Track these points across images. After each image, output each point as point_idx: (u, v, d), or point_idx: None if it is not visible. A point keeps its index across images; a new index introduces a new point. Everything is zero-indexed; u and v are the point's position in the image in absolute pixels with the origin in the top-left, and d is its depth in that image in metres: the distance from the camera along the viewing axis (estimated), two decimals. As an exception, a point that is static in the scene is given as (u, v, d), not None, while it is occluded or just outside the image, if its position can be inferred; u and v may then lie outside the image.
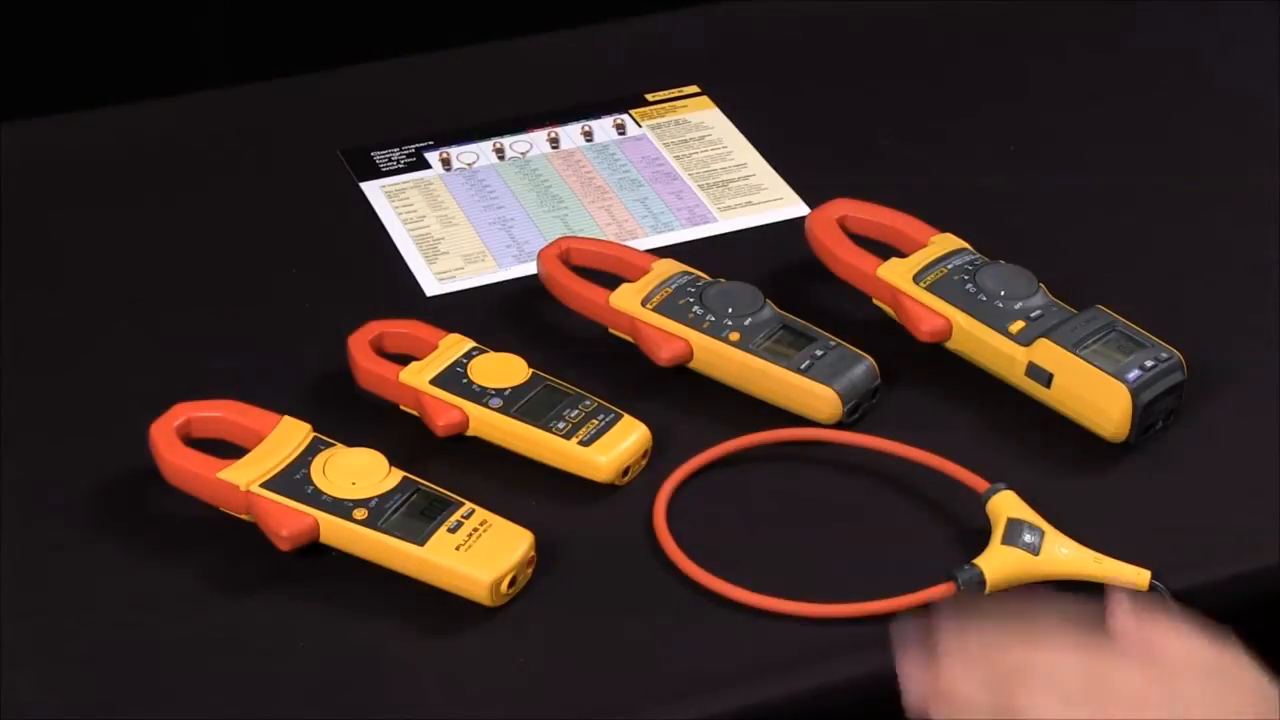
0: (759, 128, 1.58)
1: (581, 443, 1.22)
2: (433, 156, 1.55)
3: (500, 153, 1.55)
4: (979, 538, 1.17)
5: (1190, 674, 0.91)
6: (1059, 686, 0.91)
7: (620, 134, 1.58)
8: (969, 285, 1.30)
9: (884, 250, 1.35)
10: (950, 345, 1.30)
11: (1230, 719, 0.88)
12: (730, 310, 1.30)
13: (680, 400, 1.28)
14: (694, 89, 1.63)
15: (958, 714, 0.93)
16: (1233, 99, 1.62)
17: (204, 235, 1.47)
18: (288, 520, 1.16)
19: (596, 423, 1.23)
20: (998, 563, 1.14)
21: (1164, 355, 1.25)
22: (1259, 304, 1.38)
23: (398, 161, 1.54)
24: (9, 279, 1.40)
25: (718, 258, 1.39)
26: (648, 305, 1.31)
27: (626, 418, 1.24)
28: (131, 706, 1.10)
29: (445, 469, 1.21)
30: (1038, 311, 1.28)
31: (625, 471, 1.22)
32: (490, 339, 1.29)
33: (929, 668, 0.95)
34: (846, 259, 1.35)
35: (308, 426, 1.21)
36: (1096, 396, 1.24)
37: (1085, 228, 1.47)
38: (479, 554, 1.14)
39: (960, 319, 1.29)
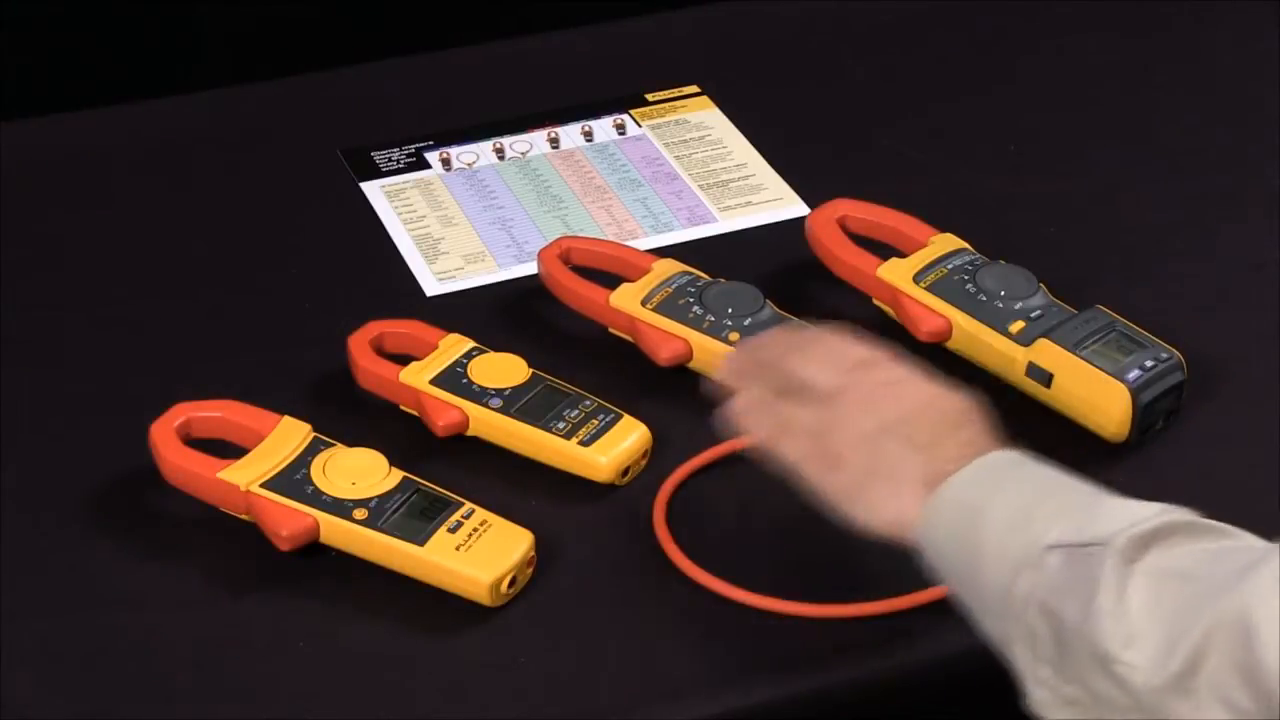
0: (759, 128, 1.58)
1: (581, 443, 1.22)
2: (433, 156, 1.55)
3: (500, 153, 1.55)
4: (979, 538, 1.17)
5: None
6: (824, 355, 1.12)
7: (620, 134, 1.58)
8: (969, 285, 1.30)
9: (884, 250, 1.35)
10: (950, 345, 1.30)
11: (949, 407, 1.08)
12: (730, 310, 1.30)
13: (680, 400, 1.28)
14: (694, 89, 1.63)
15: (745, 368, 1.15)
16: (1233, 99, 1.62)
17: (204, 235, 1.47)
18: (288, 520, 1.16)
19: (596, 423, 1.23)
20: (998, 563, 1.14)
21: (1164, 355, 1.25)
22: (1259, 304, 1.38)
23: (398, 161, 1.54)
24: (9, 279, 1.40)
25: (718, 258, 1.39)
26: (648, 305, 1.31)
27: (626, 418, 1.24)
28: (131, 706, 1.10)
29: (445, 469, 1.21)
30: (1038, 311, 1.28)
31: (625, 471, 1.22)
32: (490, 339, 1.29)
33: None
34: (846, 259, 1.35)
35: (308, 426, 1.21)
36: (1096, 396, 1.24)
37: (1085, 228, 1.47)
38: (479, 554, 1.14)
39: (960, 319, 1.29)
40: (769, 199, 1.50)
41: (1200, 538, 0.96)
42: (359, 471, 1.18)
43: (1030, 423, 1.26)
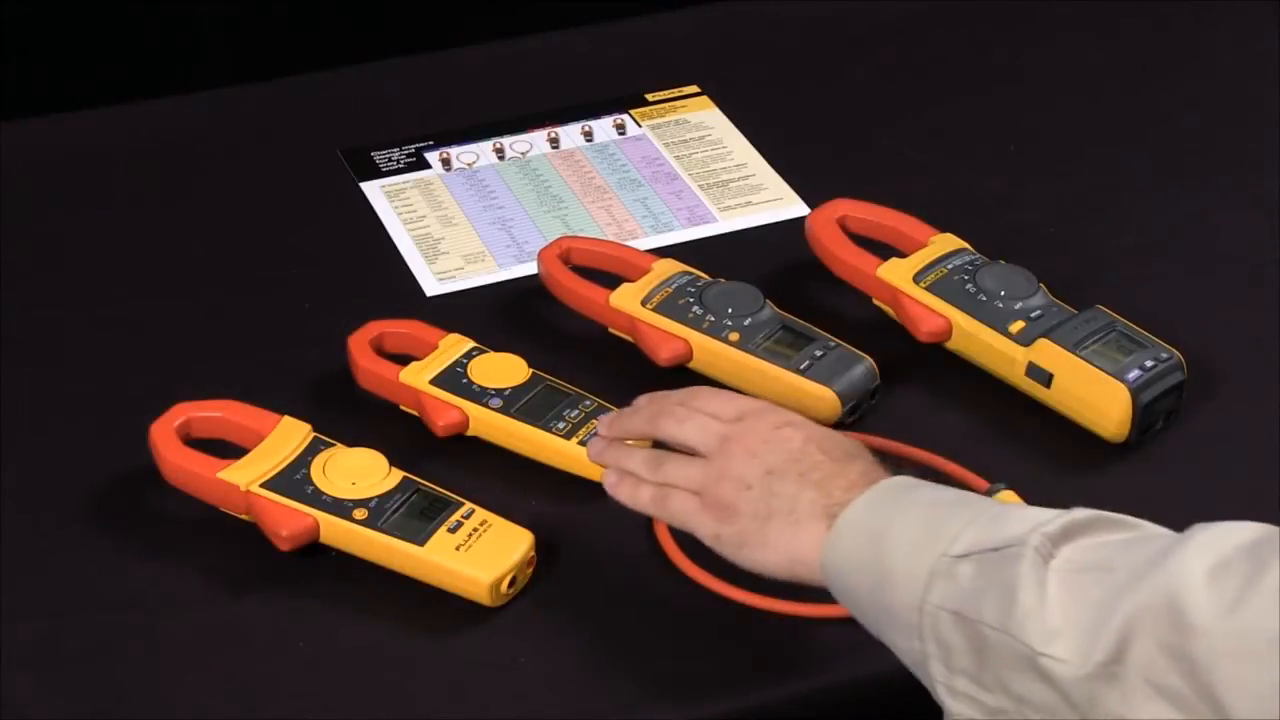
0: (759, 128, 1.58)
1: (582, 442, 1.22)
2: (433, 156, 1.55)
3: (500, 153, 1.55)
4: (979, 538, 1.17)
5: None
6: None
7: (620, 134, 1.58)
8: (969, 285, 1.30)
9: (884, 250, 1.35)
10: (950, 345, 1.30)
11: (838, 443, 1.09)
12: (730, 310, 1.29)
13: (680, 400, 1.28)
14: (694, 89, 1.63)
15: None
16: (1233, 99, 1.62)
17: (204, 235, 1.47)
18: (288, 520, 1.16)
19: (597, 423, 1.23)
20: (998, 563, 1.14)
21: (1164, 355, 1.25)
22: (1259, 304, 1.38)
23: (398, 161, 1.54)
24: (9, 279, 1.40)
25: (718, 258, 1.39)
26: (648, 305, 1.31)
27: (626, 418, 1.24)
28: (131, 706, 1.10)
29: (445, 469, 1.21)
30: (1038, 311, 1.28)
31: (625, 471, 1.22)
32: (490, 339, 1.29)
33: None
34: (846, 259, 1.35)
35: (308, 426, 1.21)
36: (1096, 396, 1.24)
37: (1085, 228, 1.47)
38: (479, 554, 1.14)
39: (960, 319, 1.29)
40: (769, 199, 1.50)
41: (1110, 531, 0.97)
42: (359, 471, 1.18)
43: (1030, 423, 1.27)
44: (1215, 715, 0.88)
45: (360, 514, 1.16)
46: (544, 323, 1.36)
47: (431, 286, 1.41)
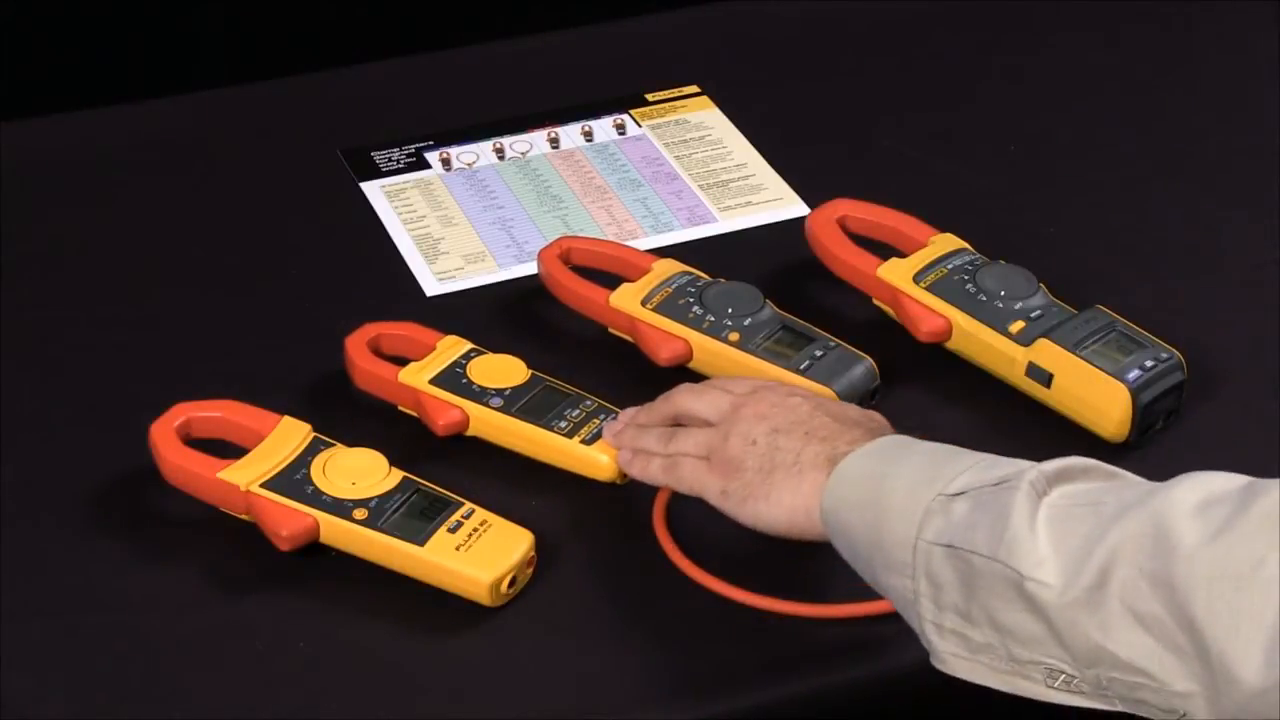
0: (759, 128, 1.58)
1: (583, 442, 1.22)
2: (433, 156, 1.55)
3: (500, 153, 1.55)
4: (979, 538, 1.17)
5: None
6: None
7: (620, 134, 1.58)
8: (969, 285, 1.30)
9: (884, 250, 1.35)
10: (950, 345, 1.30)
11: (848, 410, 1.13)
12: (730, 310, 1.30)
13: (680, 400, 1.28)
14: (694, 89, 1.63)
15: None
16: (1233, 99, 1.62)
17: (204, 235, 1.47)
18: (288, 520, 1.16)
19: (598, 422, 1.23)
20: (998, 563, 1.14)
21: (1164, 355, 1.25)
22: (1259, 304, 1.38)
23: (398, 161, 1.54)
24: (9, 279, 1.40)
25: (718, 258, 1.39)
26: (648, 305, 1.31)
27: (627, 418, 1.24)
28: (132, 706, 1.10)
29: (445, 469, 1.21)
30: (1038, 311, 1.28)
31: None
32: (490, 339, 1.29)
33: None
34: (846, 259, 1.35)
35: (308, 426, 1.21)
36: (1096, 396, 1.24)
37: (1085, 228, 1.47)
38: (479, 554, 1.14)
39: (960, 319, 1.29)
40: (769, 199, 1.50)
41: (1104, 478, 0.99)
42: (359, 471, 1.18)
43: (1030, 423, 1.27)
44: (1191, 641, 0.89)
45: (360, 514, 1.16)
46: (544, 323, 1.36)
47: (431, 286, 1.41)
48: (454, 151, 1.55)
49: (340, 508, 1.16)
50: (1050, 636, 0.95)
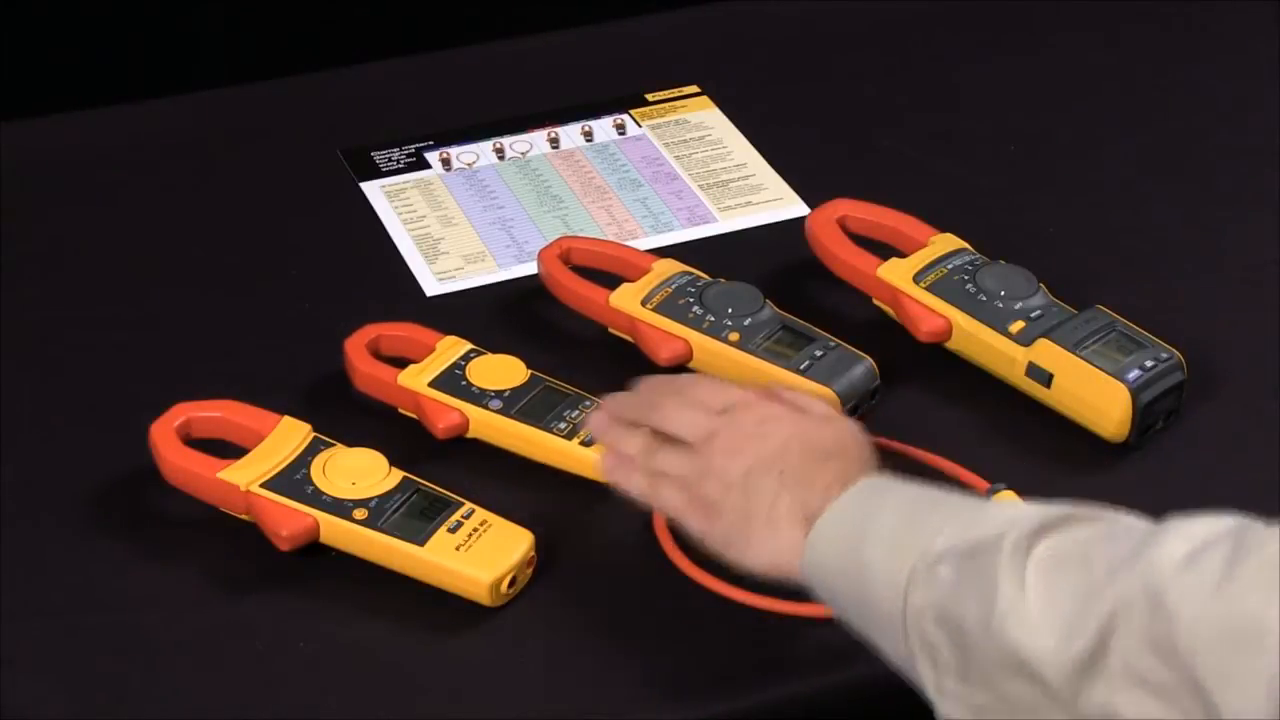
0: (759, 128, 1.58)
1: (583, 443, 1.22)
2: (433, 156, 1.55)
3: (500, 153, 1.55)
4: (979, 538, 1.16)
5: (810, 411, 1.12)
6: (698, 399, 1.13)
7: (620, 134, 1.58)
8: (969, 285, 1.30)
9: (884, 250, 1.35)
10: (950, 345, 1.30)
11: (821, 440, 1.09)
12: (730, 310, 1.30)
13: (680, 400, 1.28)
14: (694, 89, 1.63)
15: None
16: (1233, 99, 1.62)
17: (204, 235, 1.47)
18: (288, 520, 1.16)
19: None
20: (998, 563, 1.14)
21: (1164, 355, 1.25)
22: (1259, 304, 1.38)
23: (398, 161, 1.54)
24: (9, 279, 1.40)
25: (718, 258, 1.39)
26: (648, 305, 1.31)
27: (627, 418, 1.24)
28: (131, 706, 1.10)
29: (445, 469, 1.21)
30: (1038, 311, 1.28)
31: (625, 471, 1.22)
32: (490, 339, 1.29)
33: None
34: (846, 259, 1.35)
35: (308, 426, 1.21)
36: (1096, 396, 1.24)
37: (1085, 228, 1.47)
38: (479, 554, 1.14)
39: (960, 319, 1.29)
40: (769, 199, 1.50)
41: (1086, 524, 0.97)
42: (359, 471, 1.18)
43: (1030, 423, 1.27)
44: (1201, 704, 0.88)
45: (360, 514, 1.16)
46: (544, 323, 1.36)
47: (431, 286, 1.41)
48: (454, 151, 1.55)
49: (340, 508, 1.16)
50: (1052, 702, 0.93)
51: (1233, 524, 0.93)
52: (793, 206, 1.49)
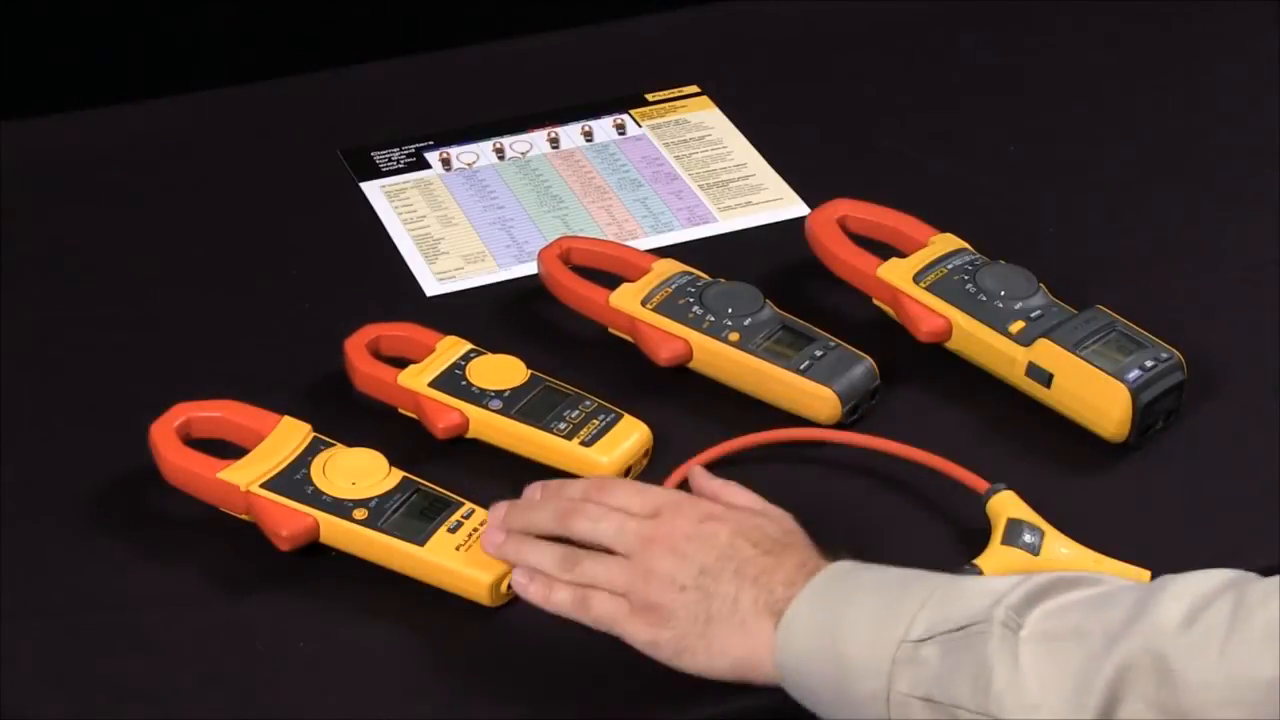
0: (759, 128, 1.58)
1: (583, 443, 1.22)
2: (433, 156, 1.55)
3: (500, 153, 1.55)
4: (979, 538, 1.17)
5: (741, 506, 1.10)
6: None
7: (620, 134, 1.58)
8: (969, 285, 1.30)
9: (884, 250, 1.35)
10: (950, 345, 1.30)
11: (768, 532, 1.06)
12: (730, 310, 1.29)
13: (680, 400, 1.28)
14: (694, 89, 1.63)
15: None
16: (1233, 99, 1.62)
17: (204, 235, 1.47)
18: (288, 520, 1.16)
19: (597, 423, 1.23)
20: (998, 563, 1.14)
21: (1164, 355, 1.25)
22: (1259, 304, 1.38)
23: (398, 161, 1.54)
24: (9, 279, 1.40)
25: (718, 258, 1.39)
26: (648, 305, 1.31)
27: (627, 417, 1.24)
28: (131, 706, 1.10)
29: (445, 469, 1.21)
30: (1038, 311, 1.28)
31: (627, 471, 1.22)
32: (490, 339, 1.29)
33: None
34: (846, 259, 1.35)
35: (308, 427, 1.21)
36: (1096, 396, 1.24)
37: (1085, 228, 1.47)
38: (479, 554, 1.14)
39: (960, 319, 1.29)
40: (769, 199, 1.50)
41: (1072, 590, 0.95)
42: (359, 471, 1.18)
43: (1030, 423, 1.27)
44: None
45: (360, 514, 1.16)
46: (544, 323, 1.36)
47: (431, 286, 1.41)
48: (454, 151, 1.55)
49: (340, 508, 1.16)
50: None
51: (1229, 578, 0.92)
52: (793, 206, 1.49)
